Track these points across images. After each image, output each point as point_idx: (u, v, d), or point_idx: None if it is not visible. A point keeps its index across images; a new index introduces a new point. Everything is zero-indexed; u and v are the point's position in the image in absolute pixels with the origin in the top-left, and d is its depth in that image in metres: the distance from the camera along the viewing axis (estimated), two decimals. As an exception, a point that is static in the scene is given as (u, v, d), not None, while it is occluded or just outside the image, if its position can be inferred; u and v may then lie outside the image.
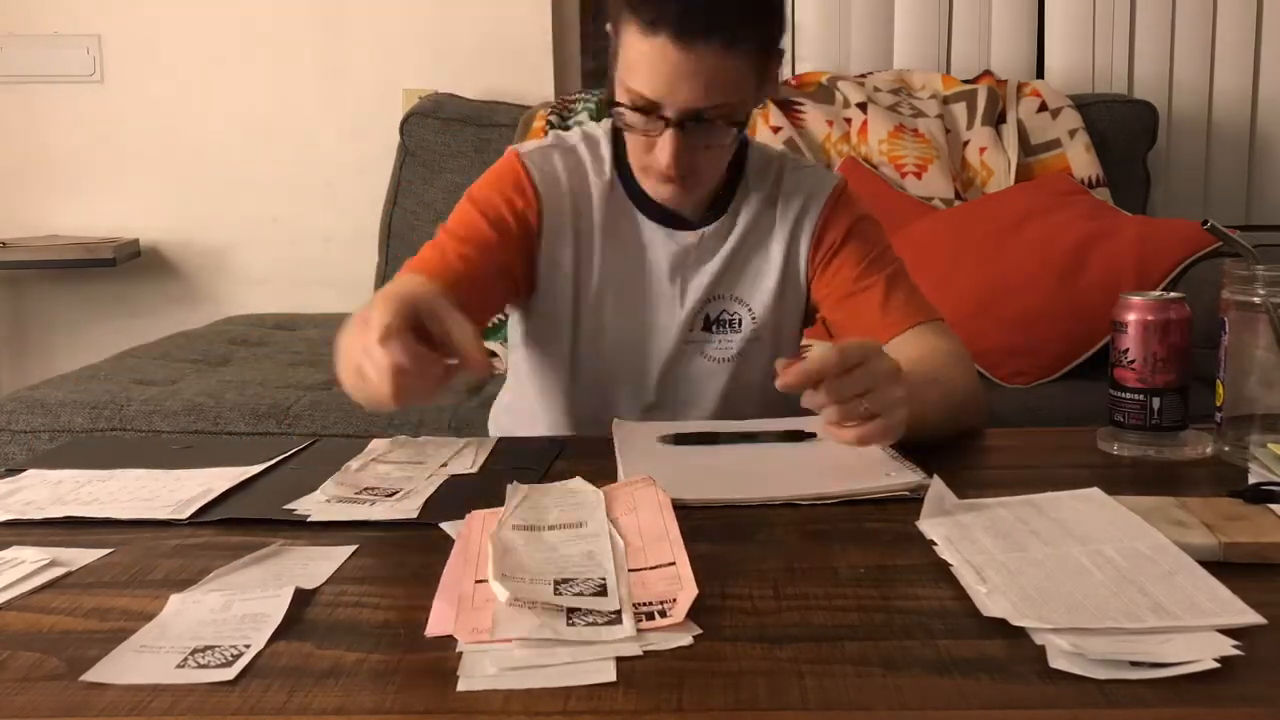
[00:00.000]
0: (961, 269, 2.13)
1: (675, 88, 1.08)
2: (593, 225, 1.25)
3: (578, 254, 1.25)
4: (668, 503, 0.85)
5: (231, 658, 0.63)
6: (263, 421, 1.88)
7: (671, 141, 1.11)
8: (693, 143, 1.12)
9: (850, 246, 1.26)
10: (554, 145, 1.27)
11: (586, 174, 1.26)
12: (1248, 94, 2.73)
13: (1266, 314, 0.99)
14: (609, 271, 1.26)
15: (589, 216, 1.25)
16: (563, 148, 1.27)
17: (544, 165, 1.24)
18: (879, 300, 1.24)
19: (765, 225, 1.28)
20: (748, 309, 1.27)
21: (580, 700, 0.58)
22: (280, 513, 0.90)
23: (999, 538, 0.77)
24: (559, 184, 1.24)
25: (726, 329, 1.27)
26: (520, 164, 1.24)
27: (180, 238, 2.83)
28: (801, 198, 1.28)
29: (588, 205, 1.25)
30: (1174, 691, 0.57)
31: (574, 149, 1.27)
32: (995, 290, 2.08)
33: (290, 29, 2.76)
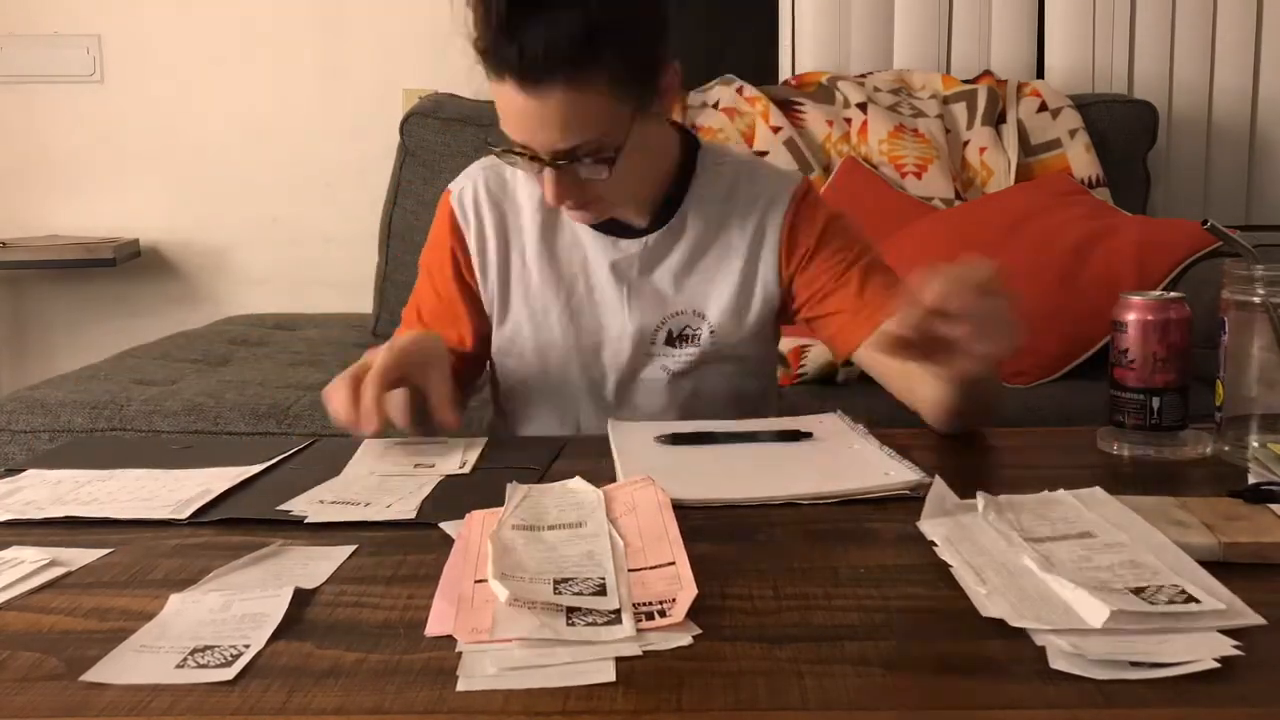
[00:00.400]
0: (961, 269, 2.13)
1: (533, 133, 1.09)
2: (524, 241, 1.26)
3: (509, 271, 1.27)
4: (667, 503, 0.85)
5: (231, 657, 0.63)
6: (263, 421, 1.88)
7: (551, 181, 1.12)
8: (574, 176, 1.12)
9: (828, 249, 1.25)
10: (482, 170, 1.29)
11: (517, 192, 1.27)
12: (1248, 94, 2.73)
13: (1266, 314, 0.99)
14: (550, 283, 1.26)
15: (519, 232, 1.27)
16: (491, 170, 1.28)
17: (467, 198, 1.27)
18: (855, 291, 1.23)
19: (721, 233, 1.25)
20: (705, 321, 1.25)
21: (580, 700, 0.58)
22: (279, 513, 0.90)
23: (999, 538, 0.77)
24: (482, 211, 1.27)
25: (686, 343, 1.26)
26: (449, 208, 1.28)
27: (180, 238, 2.83)
28: (762, 203, 1.25)
29: (519, 221, 1.27)
30: (1174, 691, 0.57)
31: (502, 167, 1.27)
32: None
33: (290, 29, 2.76)
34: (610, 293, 1.25)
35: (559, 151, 1.09)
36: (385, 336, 2.50)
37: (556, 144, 1.08)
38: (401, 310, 1.37)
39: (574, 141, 1.08)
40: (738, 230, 1.25)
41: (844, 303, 1.23)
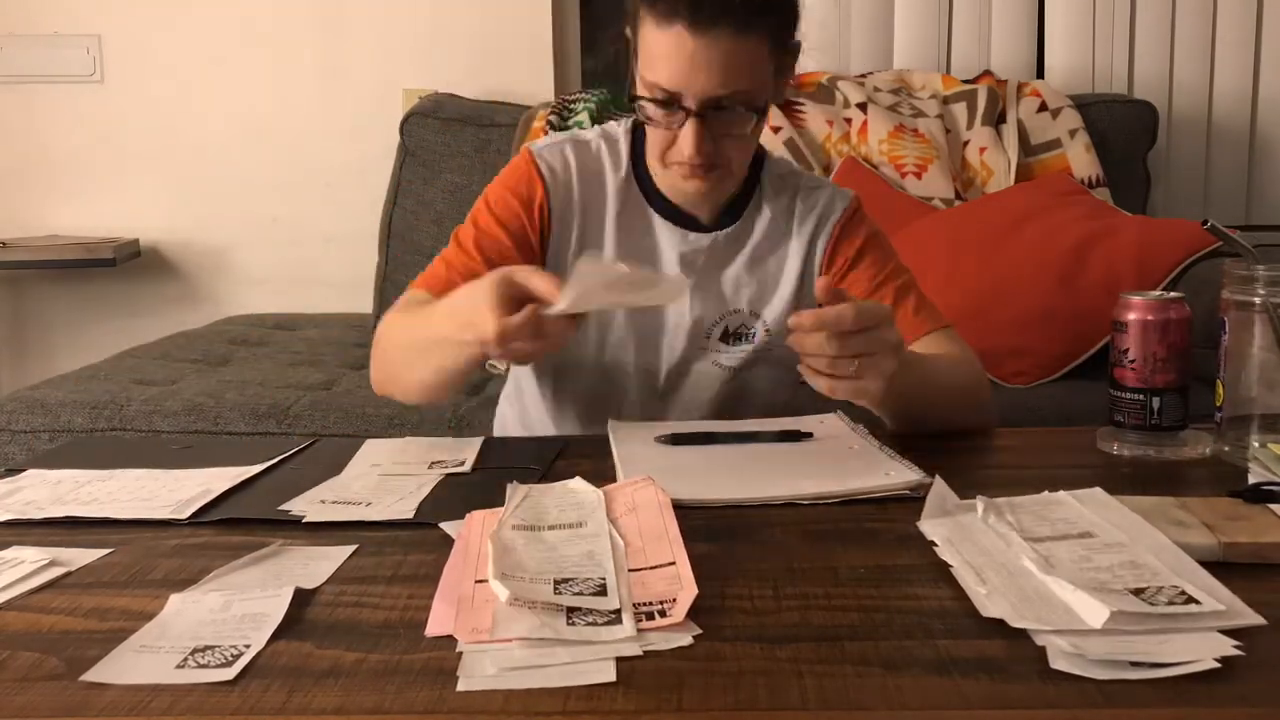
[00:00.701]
0: (961, 269, 2.13)
1: (693, 76, 1.10)
2: (603, 217, 1.26)
3: (584, 243, 1.26)
4: (667, 503, 0.85)
5: (231, 658, 0.63)
6: (263, 421, 1.88)
7: (694, 131, 1.12)
8: (715, 131, 1.14)
9: (864, 263, 1.27)
10: (568, 139, 1.29)
11: (602, 166, 1.27)
12: (1248, 94, 2.73)
13: (1266, 314, 0.99)
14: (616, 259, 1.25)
15: (599, 208, 1.26)
16: (577, 141, 1.28)
17: (554, 158, 1.26)
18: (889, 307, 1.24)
19: (781, 239, 1.28)
20: (762, 322, 1.27)
21: (580, 700, 0.58)
22: (279, 513, 0.90)
23: (999, 539, 0.77)
24: (569, 175, 1.26)
25: (741, 341, 1.27)
26: (531, 160, 1.26)
27: (180, 238, 2.83)
28: (816, 216, 1.28)
29: (600, 197, 1.26)
30: (1174, 691, 0.57)
31: (588, 143, 1.28)
32: (995, 290, 2.08)
33: (290, 29, 2.76)
34: None
35: (711, 98, 1.11)
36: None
37: (715, 88, 1.10)
38: None
39: (732, 88, 1.10)
40: (795, 241, 1.28)
41: None
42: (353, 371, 2.19)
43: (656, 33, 1.10)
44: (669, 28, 1.09)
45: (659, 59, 1.11)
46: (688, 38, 1.08)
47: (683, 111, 1.12)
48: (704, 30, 1.08)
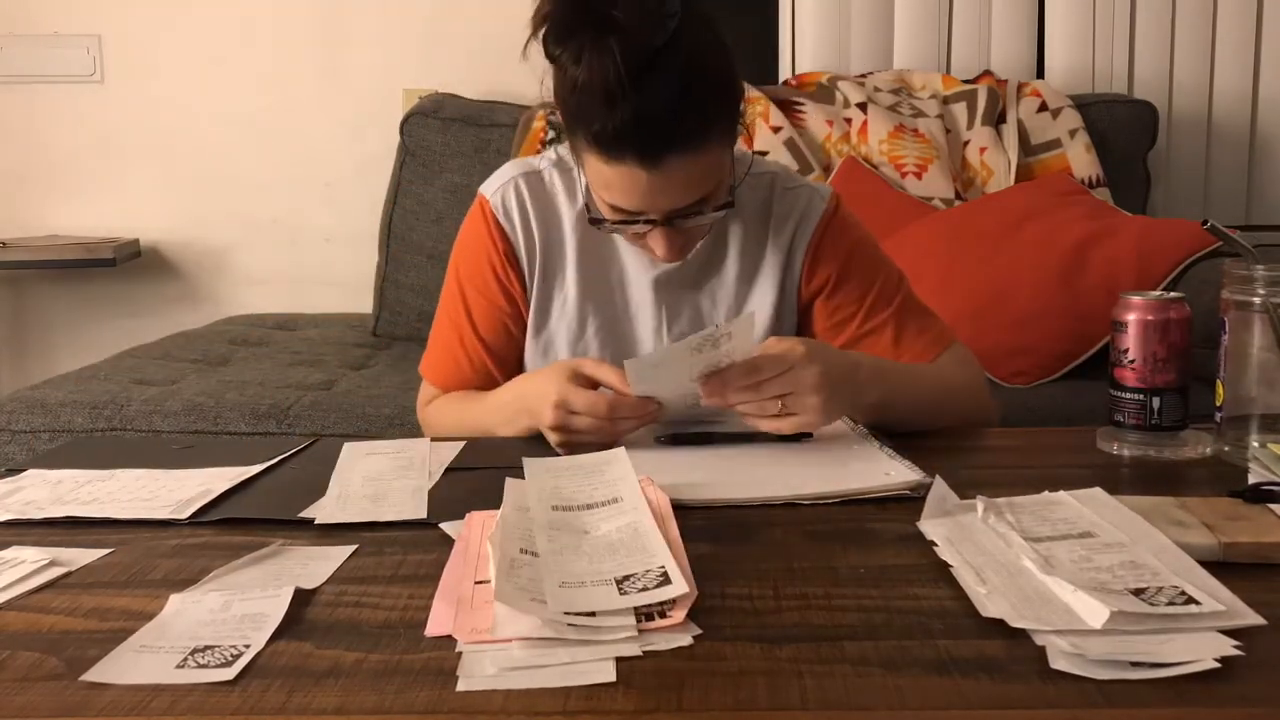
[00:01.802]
0: (961, 269, 2.13)
1: (654, 201, 1.07)
2: (565, 249, 1.24)
3: (550, 284, 1.24)
4: (667, 502, 0.85)
5: (231, 658, 0.63)
6: (263, 421, 1.88)
7: (664, 237, 1.10)
8: (683, 230, 1.12)
9: (852, 280, 1.24)
10: (520, 173, 1.25)
11: (556, 201, 1.24)
12: (1248, 94, 2.73)
13: (1266, 314, 0.99)
14: (587, 297, 1.24)
15: (560, 245, 1.24)
16: (529, 174, 1.25)
17: (509, 201, 1.24)
18: (891, 340, 1.22)
19: (757, 251, 1.25)
20: None
21: (580, 700, 0.58)
22: (278, 513, 0.89)
23: (999, 539, 0.77)
24: (527, 214, 1.23)
25: None
26: (487, 212, 1.24)
27: (180, 238, 2.83)
28: (792, 224, 1.24)
29: (559, 233, 1.24)
30: (1174, 691, 0.57)
31: (540, 173, 1.25)
32: (995, 290, 2.08)
33: (290, 29, 2.76)
34: (648, 310, 1.24)
35: (678, 210, 1.08)
36: (385, 336, 2.52)
37: (678, 204, 1.08)
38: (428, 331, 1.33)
39: (695, 198, 1.08)
40: (772, 249, 1.25)
41: (880, 351, 1.22)
42: (352, 372, 2.19)
43: (606, 167, 1.06)
44: (619, 164, 1.04)
45: (615, 190, 1.07)
46: (641, 173, 1.04)
47: (648, 223, 1.09)
48: (657, 163, 1.03)
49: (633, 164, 1.03)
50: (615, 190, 1.07)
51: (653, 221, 1.09)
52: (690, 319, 1.25)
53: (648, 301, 1.24)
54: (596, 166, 1.07)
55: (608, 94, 1.00)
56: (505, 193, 1.24)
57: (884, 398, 1.07)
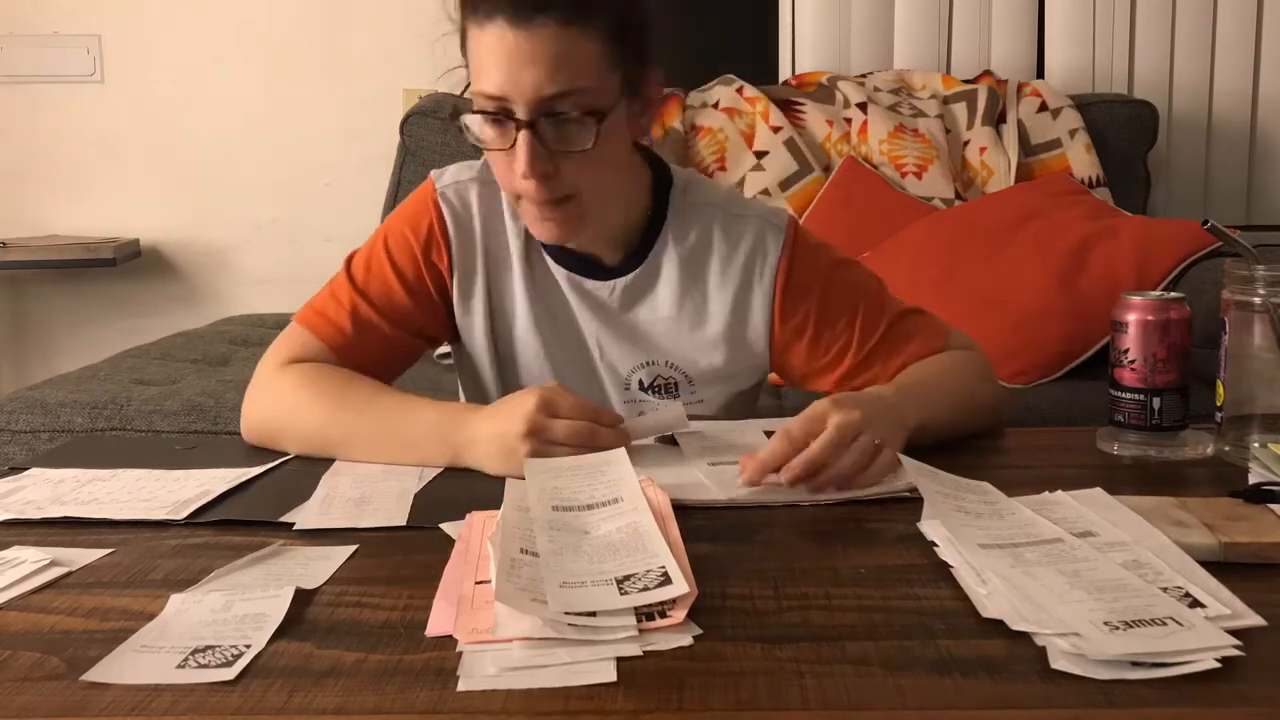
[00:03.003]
0: (961, 269, 2.13)
1: (518, 75, 1.00)
2: (509, 269, 1.18)
3: (492, 299, 1.18)
4: (667, 503, 0.85)
5: (232, 658, 0.63)
6: (263, 421, 1.88)
7: (526, 144, 1.01)
8: (551, 146, 1.02)
9: (833, 315, 1.16)
10: (475, 177, 1.18)
11: (503, 215, 1.17)
12: (1248, 94, 2.73)
13: (1266, 314, 0.99)
14: (530, 315, 1.18)
15: (504, 259, 1.18)
16: (485, 181, 1.18)
17: (459, 200, 1.17)
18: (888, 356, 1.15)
19: (698, 282, 1.16)
20: (684, 376, 1.18)
21: (580, 700, 0.58)
22: (273, 515, 0.89)
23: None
24: (472, 226, 1.17)
25: (664, 393, 1.18)
26: (435, 202, 1.17)
27: (180, 238, 2.83)
28: (742, 256, 1.16)
29: (503, 248, 1.17)
30: (1174, 691, 0.57)
31: (493, 183, 1.15)
32: (995, 290, 2.08)
33: (290, 29, 2.76)
34: (585, 334, 1.19)
35: (539, 100, 1.00)
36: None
37: (542, 87, 1.00)
38: None
39: (562, 85, 1.00)
40: (717, 282, 1.16)
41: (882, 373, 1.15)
42: (353, 371, 2.18)
43: (480, 35, 1.02)
44: (490, 25, 1.00)
45: (485, 65, 1.02)
46: (509, 31, 0.99)
47: (513, 124, 1.02)
48: (525, 22, 0.99)
49: (503, 22, 0.99)
50: (485, 69, 1.02)
51: (518, 123, 1.01)
52: (627, 350, 1.18)
53: (583, 324, 1.18)
54: (472, 43, 1.03)
55: None
56: (459, 192, 1.18)
57: (922, 418, 1.02)
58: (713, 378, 1.19)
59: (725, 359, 1.18)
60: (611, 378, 1.20)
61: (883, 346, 1.16)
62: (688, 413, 1.06)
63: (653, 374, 1.18)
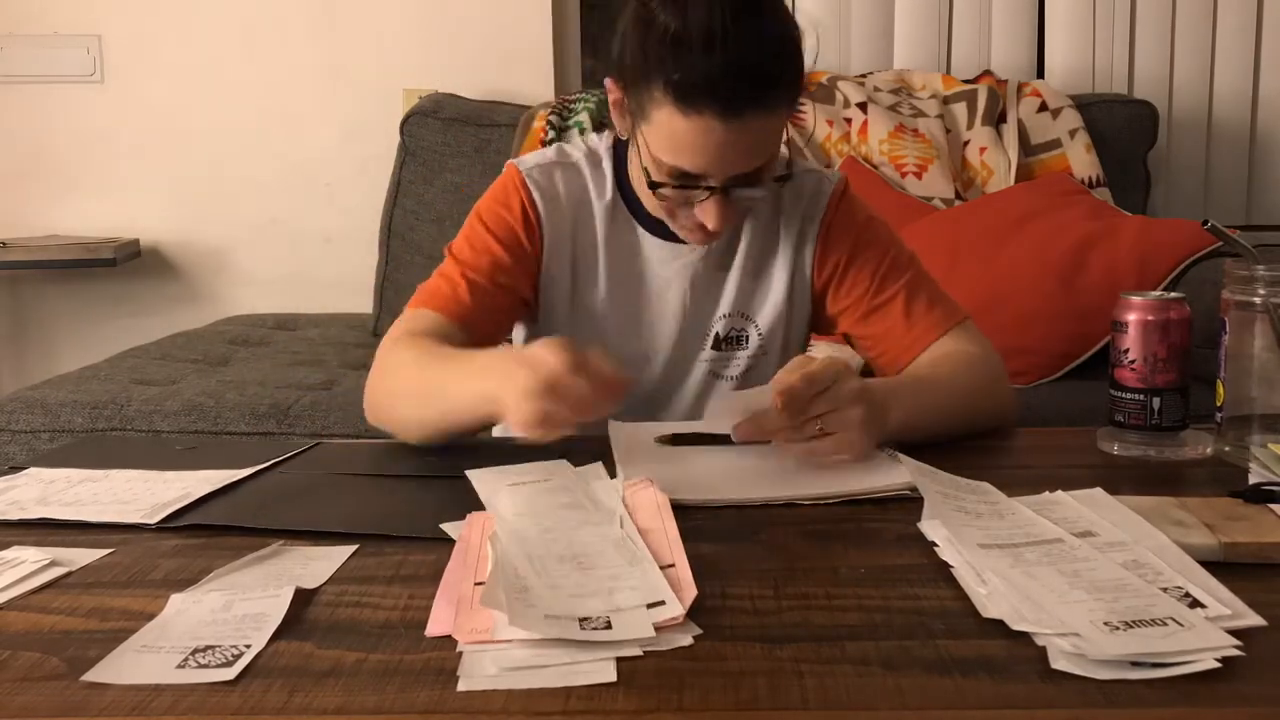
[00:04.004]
0: (961, 269, 2.13)
1: (724, 161, 1.06)
2: (594, 242, 1.24)
3: (577, 272, 1.24)
4: (666, 503, 0.85)
5: (232, 658, 0.63)
6: (263, 422, 1.88)
7: (718, 205, 1.09)
8: (736, 202, 1.12)
9: (862, 259, 1.23)
10: (556, 162, 1.25)
11: (588, 191, 1.24)
12: (1248, 94, 2.73)
13: (1266, 314, 0.99)
14: (612, 288, 1.24)
15: (590, 234, 1.24)
16: (565, 164, 1.24)
17: (545, 183, 1.22)
18: (901, 312, 1.21)
19: (770, 237, 1.25)
20: (755, 326, 1.25)
21: (580, 700, 0.58)
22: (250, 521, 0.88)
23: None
24: (560, 202, 1.22)
25: (735, 346, 1.25)
26: (522, 182, 1.22)
27: (180, 238, 2.83)
28: (802, 205, 1.25)
29: (589, 223, 1.24)
30: (1174, 691, 0.57)
31: (576, 165, 1.24)
32: (995, 290, 2.08)
33: (290, 29, 2.76)
34: (669, 300, 1.24)
35: (741, 176, 1.08)
36: (385, 336, 2.51)
37: (745, 167, 1.07)
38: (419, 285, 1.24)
39: (760, 162, 1.08)
40: (784, 232, 1.25)
41: (891, 328, 1.22)
42: (353, 372, 2.18)
43: (681, 120, 1.03)
44: (696, 116, 1.03)
45: (684, 146, 1.05)
46: (718, 127, 1.03)
47: (706, 190, 1.09)
48: (736, 115, 1.02)
49: (711, 116, 1.02)
50: (683, 147, 1.05)
51: (711, 188, 1.08)
52: (708, 307, 1.25)
53: (668, 291, 1.24)
54: (667, 122, 1.05)
55: (707, 37, 1.00)
56: (543, 174, 1.23)
57: (907, 418, 1.04)
58: (776, 324, 1.25)
59: (785, 297, 1.24)
60: (694, 332, 1.25)
61: (897, 301, 1.21)
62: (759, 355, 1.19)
63: (729, 325, 1.25)
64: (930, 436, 1.05)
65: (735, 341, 1.25)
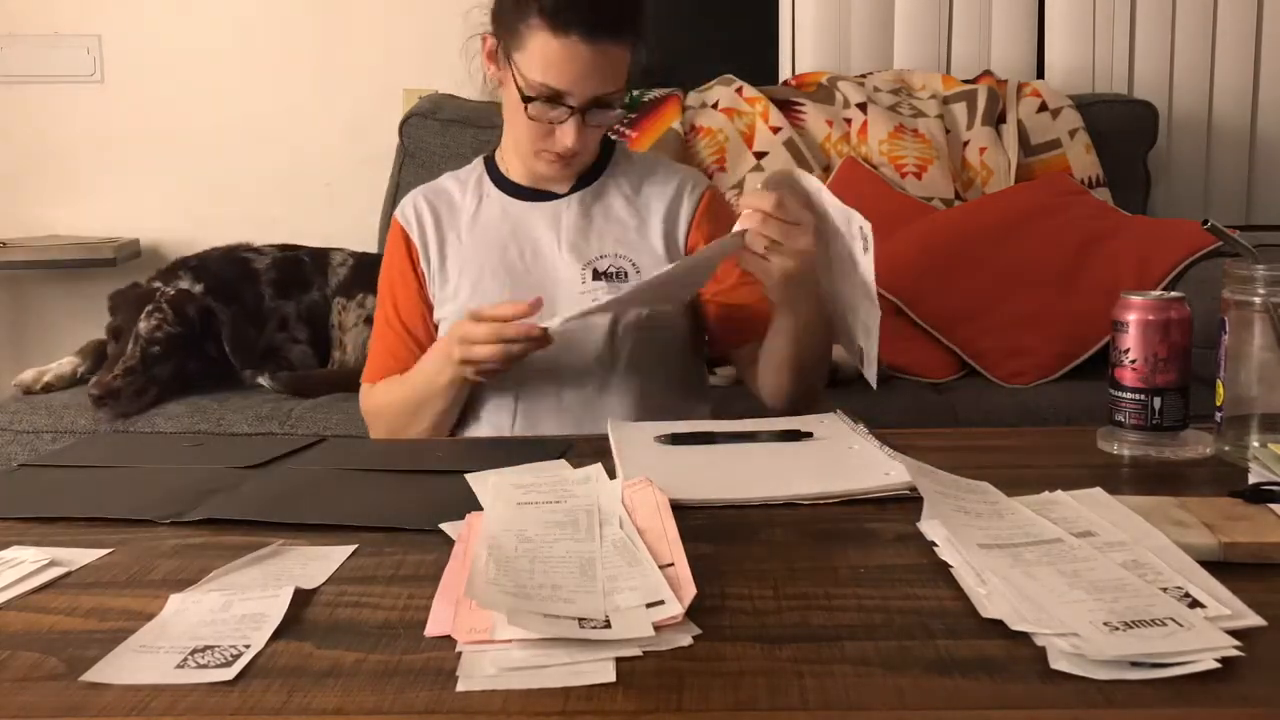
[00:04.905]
0: (961, 269, 2.13)
1: (584, 81, 1.27)
2: (459, 225, 1.42)
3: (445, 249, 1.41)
4: (665, 503, 0.85)
5: (231, 658, 0.63)
6: (265, 423, 1.88)
7: (575, 126, 1.29)
8: (590, 124, 1.31)
9: None
10: (422, 189, 1.47)
11: (450, 191, 1.46)
12: (1248, 94, 2.73)
13: (1266, 314, 0.99)
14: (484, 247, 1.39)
15: (455, 221, 1.43)
16: (433, 187, 1.47)
17: (410, 209, 1.44)
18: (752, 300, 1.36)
19: (639, 201, 1.42)
20: (632, 264, 1.38)
21: (580, 700, 0.58)
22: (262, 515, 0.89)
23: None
24: (423, 211, 1.43)
25: (618, 279, 1.37)
26: (396, 224, 1.44)
27: (180, 238, 2.83)
28: (676, 184, 1.43)
29: (453, 215, 1.43)
30: (1174, 691, 0.57)
31: (438, 184, 1.47)
32: (995, 290, 2.08)
33: (290, 29, 2.76)
34: (543, 243, 1.39)
35: (595, 98, 1.28)
36: (385, 336, 2.50)
37: (597, 90, 1.28)
38: None
39: (611, 88, 1.29)
40: (656, 199, 1.43)
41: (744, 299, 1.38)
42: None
43: (551, 40, 1.25)
44: (564, 37, 1.24)
45: (552, 64, 1.26)
46: (582, 47, 1.24)
47: (565, 109, 1.28)
48: (596, 41, 1.24)
49: (577, 38, 1.24)
50: (552, 63, 1.25)
51: (570, 109, 1.28)
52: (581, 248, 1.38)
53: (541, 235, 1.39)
54: (541, 46, 1.25)
55: None
56: (405, 205, 1.45)
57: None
58: (654, 265, 1.39)
59: (663, 251, 1.41)
60: (568, 272, 1.38)
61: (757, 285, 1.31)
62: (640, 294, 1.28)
63: (608, 263, 1.39)
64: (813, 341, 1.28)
65: (618, 276, 1.38)
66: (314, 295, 2.28)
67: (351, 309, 2.25)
